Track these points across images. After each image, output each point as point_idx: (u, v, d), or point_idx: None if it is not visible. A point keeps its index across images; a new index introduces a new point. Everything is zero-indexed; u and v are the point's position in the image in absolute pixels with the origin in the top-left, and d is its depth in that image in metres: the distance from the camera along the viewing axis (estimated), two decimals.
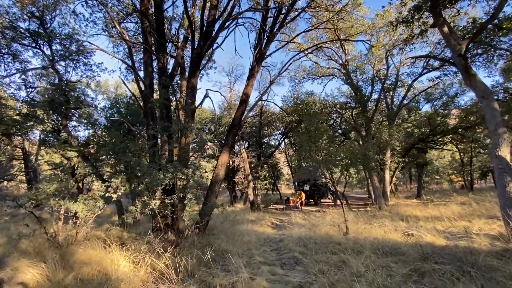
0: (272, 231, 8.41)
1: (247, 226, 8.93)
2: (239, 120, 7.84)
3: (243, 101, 7.83)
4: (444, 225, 7.32)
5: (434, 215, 8.68)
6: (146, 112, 7.02)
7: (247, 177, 15.67)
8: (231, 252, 5.28)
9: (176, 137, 6.41)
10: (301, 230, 7.52)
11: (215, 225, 8.68)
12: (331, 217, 8.98)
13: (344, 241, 5.87)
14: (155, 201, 5.38)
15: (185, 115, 6.83)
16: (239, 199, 23.97)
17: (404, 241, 5.65)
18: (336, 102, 16.71)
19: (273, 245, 6.27)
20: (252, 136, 19.52)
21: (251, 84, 7.84)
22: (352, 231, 6.68)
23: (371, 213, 10.98)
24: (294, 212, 13.59)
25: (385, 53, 13.36)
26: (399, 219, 8.43)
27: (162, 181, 5.07)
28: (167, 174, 5.27)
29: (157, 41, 7.78)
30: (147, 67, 7.06)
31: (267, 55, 8.52)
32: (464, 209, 9.14)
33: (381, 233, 6.36)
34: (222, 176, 7.60)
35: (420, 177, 21.18)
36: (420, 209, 10.15)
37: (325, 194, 20.24)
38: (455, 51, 6.33)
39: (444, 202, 12.98)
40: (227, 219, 10.66)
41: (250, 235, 6.95)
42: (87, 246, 6.79)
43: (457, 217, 7.81)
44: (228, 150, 7.77)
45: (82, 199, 7.06)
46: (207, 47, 6.74)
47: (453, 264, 3.58)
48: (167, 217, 6.37)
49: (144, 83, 7.04)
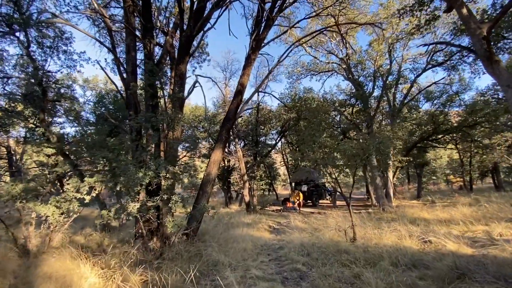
0: (270, 236, 7.65)
1: (242, 230, 8.14)
2: (234, 113, 7.06)
3: (238, 92, 7.06)
4: (460, 229, 6.65)
5: (444, 218, 8.02)
6: (129, 103, 6.20)
7: (243, 177, 14.89)
8: (223, 264, 4.50)
9: (162, 130, 5.61)
10: (302, 235, 6.78)
11: (207, 229, 7.87)
12: (334, 220, 8.25)
13: (352, 249, 5.14)
14: (134, 204, 4.56)
15: (172, 105, 6.02)
16: (235, 200, 23.15)
17: (422, 249, 4.95)
18: (335, 99, 16.07)
19: (271, 253, 5.51)
20: (248, 135, 18.74)
21: (247, 74, 7.07)
22: (360, 237, 5.97)
23: (374, 215, 10.31)
24: (292, 214, 12.85)
25: (387, 47, 12.76)
26: (408, 222, 7.76)
27: (141, 180, 4.26)
28: (148, 172, 4.46)
29: (143, 25, 6.97)
30: (129, 52, 6.24)
31: (265, 43, 7.77)
32: (475, 211, 8.51)
33: (392, 240, 5.65)
34: (214, 176, 6.82)
35: (420, 177, 20.70)
36: (427, 211, 9.51)
37: (323, 195, 19.55)
38: (476, 35, 5.68)
39: (447, 203, 12.42)
40: (220, 222, 9.85)
41: (245, 242, 6.17)
42: (62, 254, 5.95)
43: (471, 220, 7.17)
44: (222, 147, 6.99)
45: (54, 201, 6.18)
46: (198, 28, 5.96)
47: (498, 284, 2.87)
48: (152, 222, 5.57)
49: (126, 70, 6.22)
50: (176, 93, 5.94)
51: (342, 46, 13.41)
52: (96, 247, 7.00)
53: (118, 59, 6.32)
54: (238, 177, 16.37)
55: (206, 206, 5.02)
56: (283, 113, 18.38)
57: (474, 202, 11.54)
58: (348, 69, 13.05)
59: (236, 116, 7.12)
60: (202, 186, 6.62)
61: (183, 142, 8.21)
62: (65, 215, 6.49)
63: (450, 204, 11.97)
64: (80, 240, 8.54)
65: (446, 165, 29.39)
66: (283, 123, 18.16)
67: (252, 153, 17.17)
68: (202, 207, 4.99)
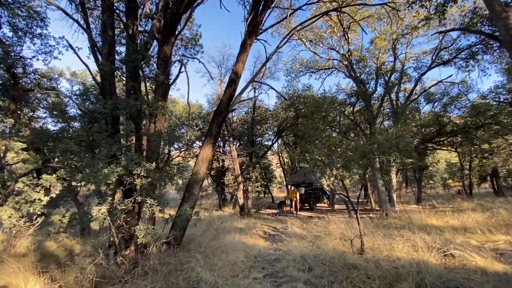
0: (264, 244, 6.82)
1: (234, 237, 7.31)
2: (226, 105, 6.26)
3: (232, 81, 6.27)
4: (478, 238, 5.93)
5: (456, 225, 7.31)
6: (104, 89, 5.34)
7: (237, 178, 14.05)
8: (206, 283, 3.67)
9: (141, 119, 4.78)
10: (301, 243, 5.97)
11: (194, 236, 7.02)
12: (335, 226, 7.48)
13: (362, 263, 4.36)
14: (98, 207, 3.71)
15: (155, 92, 5.20)
16: (229, 203, 22.26)
17: (445, 264, 4.20)
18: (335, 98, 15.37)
19: (267, 267, 4.69)
20: (244, 134, 17.93)
21: (242, 61, 6.29)
22: (367, 247, 5.18)
23: (377, 220, 9.56)
24: (289, 218, 12.05)
25: (392, 43, 12.13)
26: (417, 230, 7.03)
27: (106, 177, 3.42)
28: (116, 168, 3.63)
29: (126, 4, 6.17)
30: (106, 30, 5.39)
31: (263, 29, 7.01)
32: (488, 218, 7.82)
33: (406, 251, 4.90)
34: (202, 175, 5.99)
35: (420, 181, 20.14)
36: (435, 217, 8.79)
37: (321, 198, 18.79)
38: (501, 18, 5.00)
39: (451, 208, 11.79)
40: (211, 226, 9.00)
41: (236, 251, 5.34)
42: (25, 262, 5.09)
43: (487, 227, 6.46)
44: (212, 143, 6.17)
45: (13, 202, 5.28)
46: (186, 4, 5.15)
47: None
48: (126, 228, 4.72)
49: (102, 51, 5.38)
50: (160, 79, 5.12)
51: (344, 41, 12.76)
52: (64, 256, 6.10)
53: (92, 39, 5.47)
54: (232, 178, 15.53)
55: (188, 210, 4.18)
56: (280, 112, 17.66)
57: (477, 207, 10.94)
58: (350, 66, 12.37)
59: (229, 108, 6.32)
60: (189, 187, 5.78)
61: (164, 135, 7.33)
62: (26, 219, 5.59)
63: (454, 209, 11.33)
64: (51, 246, 7.60)
65: (445, 169, 28.92)
66: (280, 122, 17.40)
67: (248, 152, 16.36)
68: (183, 212, 4.15)
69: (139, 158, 3.93)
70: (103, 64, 4.41)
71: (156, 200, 3.92)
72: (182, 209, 4.18)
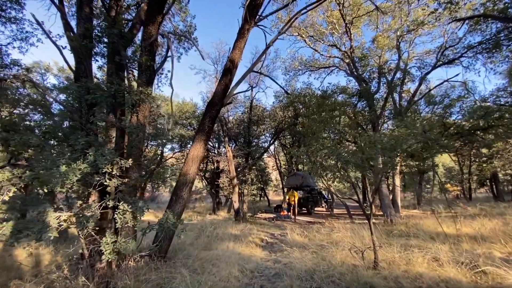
0: (262, 254, 6.09)
1: (228, 246, 6.56)
2: (221, 97, 5.56)
3: (227, 70, 5.57)
4: (501, 249, 5.31)
5: (471, 233, 6.70)
6: (78, 74, 4.59)
7: (232, 181, 13.30)
8: None
9: (119, 107, 4.05)
10: (304, 254, 5.26)
11: (184, 244, 6.25)
12: (340, 234, 6.80)
13: (378, 281, 3.68)
14: (56, 213, 2.96)
15: (138, 77, 4.48)
16: (223, 206, 21.44)
17: (476, 283, 3.55)
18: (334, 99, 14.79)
19: (266, 285, 3.95)
20: (240, 135, 17.22)
21: (239, 47, 5.60)
22: (381, 260, 4.50)
23: (382, 227, 8.90)
24: (288, 224, 11.33)
25: (396, 40, 11.62)
26: (429, 238, 6.40)
27: (63, 176, 2.68)
28: (80, 165, 2.89)
29: None
30: (81, 7, 4.66)
31: (262, 16, 6.34)
32: (503, 225, 7.24)
33: (427, 266, 4.23)
34: (193, 176, 5.26)
35: (420, 185, 19.73)
36: (445, 224, 8.16)
37: (319, 202, 18.11)
38: None
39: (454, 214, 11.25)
40: (203, 233, 8.22)
41: (230, 265, 4.61)
42: None
43: (508, 236, 5.85)
44: (204, 139, 5.44)
45: None
46: None
47: None
48: (100, 237, 3.95)
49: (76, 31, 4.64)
50: (144, 63, 4.40)
51: (346, 38, 12.22)
52: (30, 268, 5.27)
53: (65, 18, 4.72)
54: (227, 180, 14.76)
55: (171, 219, 3.44)
56: (278, 112, 17.03)
57: (482, 212, 10.47)
58: (352, 64, 11.82)
59: (224, 100, 5.61)
60: (176, 189, 5.04)
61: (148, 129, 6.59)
62: None
63: (459, 215, 10.79)
64: (21, 254, 6.74)
65: (444, 173, 28.65)
66: (278, 122, 16.75)
67: (244, 153, 15.63)
68: (165, 221, 3.40)
69: (111, 154, 3.19)
70: (73, 39, 3.67)
71: (131, 205, 3.18)
72: (163, 217, 3.45)
